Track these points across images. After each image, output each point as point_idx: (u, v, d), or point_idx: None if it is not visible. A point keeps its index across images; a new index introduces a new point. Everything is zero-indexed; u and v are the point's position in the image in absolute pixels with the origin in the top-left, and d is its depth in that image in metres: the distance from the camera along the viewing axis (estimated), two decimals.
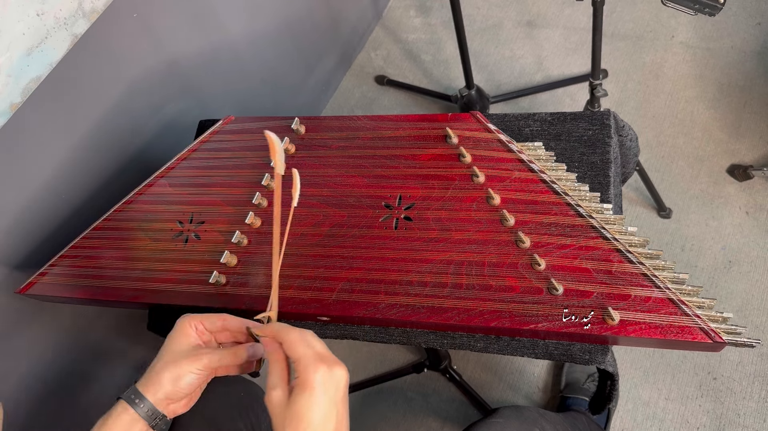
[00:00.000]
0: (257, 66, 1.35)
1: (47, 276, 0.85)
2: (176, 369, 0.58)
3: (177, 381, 0.57)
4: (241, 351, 0.59)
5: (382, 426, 1.27)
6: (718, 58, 1.47)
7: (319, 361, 0.51)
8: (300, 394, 0.51)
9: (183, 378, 0.57)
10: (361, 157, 0.82)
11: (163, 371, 0.58)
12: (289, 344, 0.53)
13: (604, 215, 0.69)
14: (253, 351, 0.60)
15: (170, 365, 0.58)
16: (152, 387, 0.58)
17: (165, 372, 0.58)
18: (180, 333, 0.60)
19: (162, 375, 0.58)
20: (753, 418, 1.12)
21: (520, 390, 1.25)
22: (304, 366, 0.51)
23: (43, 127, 0.90)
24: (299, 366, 0.52)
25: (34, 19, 0.74)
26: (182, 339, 0.60)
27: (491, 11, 1.71)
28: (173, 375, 0.57)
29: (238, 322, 0.62)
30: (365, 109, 1.67)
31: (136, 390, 0.58)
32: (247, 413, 0.82)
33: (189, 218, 0.84)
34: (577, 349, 0.68)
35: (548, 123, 0.80)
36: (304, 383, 0.51)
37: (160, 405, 0.58)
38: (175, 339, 0.60)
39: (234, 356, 0.59)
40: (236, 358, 0.59)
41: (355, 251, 0.75)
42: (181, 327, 0.61)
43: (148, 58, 1.04)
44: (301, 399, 0.50)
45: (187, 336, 0.60)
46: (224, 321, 0.61)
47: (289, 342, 0.53)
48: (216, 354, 0.59)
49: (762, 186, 1.29)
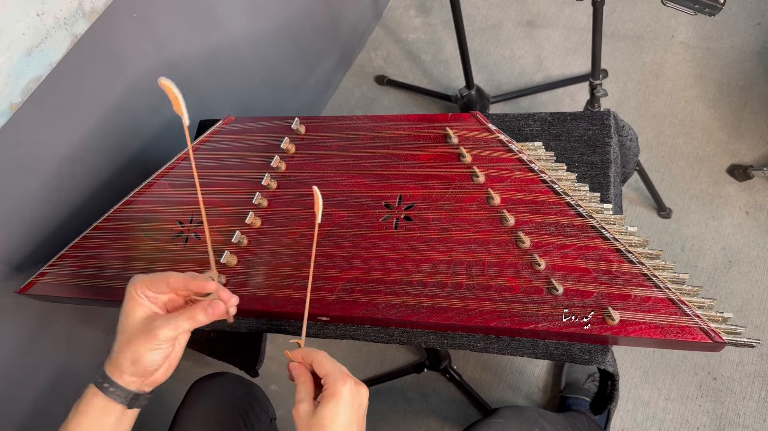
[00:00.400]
0: (257, 66, 1.35)
1: (47, 276, 0.85)
2: (133, 351, 0.55)
3: (138, 361, 0.55)
4: (198, 313, 0.56)
5: (382, 426, 1.27)
6: (718, 58, 1.47)
7: (347, 376, 0.55)
8: (327, 404, 0.53)
9: (144, 358, 0.54)
10: (361, 157, 0.82)
11: (121, 353, 0.55)
12: (319, 362, 0.56)
13: (604, 215, 0.69)
14: (213, 310, 0.57)
15: (126, 346, 0.55)
16: (117, 369, 0.55)
17: (122, 353, 0.55)
18: (131, 303, 0.56)
19: (120, 357, 0.55)
20: (753, 418, 1.12)
21: (520, 390, 1.25)
22: (333, 379, 0.54)
23: (43, 127, 0.90)
24: (329, 380, 0.54)
25: (34, 19, 0.74)
26: (135, 309, 0.56)
27: (491, 11, 1.71)
28: (132, 356, 0.55)
29: (182, 283, 0.57)
30: (365, 109, 1.67)
31: (103, 373, 0.56)
32: (247, 413, 0.82)
33: (189, 218, 0.84)
34: (577, 349, 0.68)
35: (548, 123, 0.80)
36: (333, 393, 0.53)
37: (132, 385, 0.55)
38: (128, 311, 0.56)
39: (192, 320, 0.56)
40: (195, 322, 0.56)
41: (355, 251, 0.75)
42: (131, 297, 0.56)
43: (148, 58, 1.04)
44: (328, 407, 0.53)
45: (140, 305, 0.56)
46: (168, 283, 0.57)
47: (318, 361, 0.56)
48: (170, 325, 0.55)
49: (762, 186, 1.29)
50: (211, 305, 0.57)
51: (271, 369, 1.36)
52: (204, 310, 0.57)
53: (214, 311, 0.57)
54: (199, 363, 1.41)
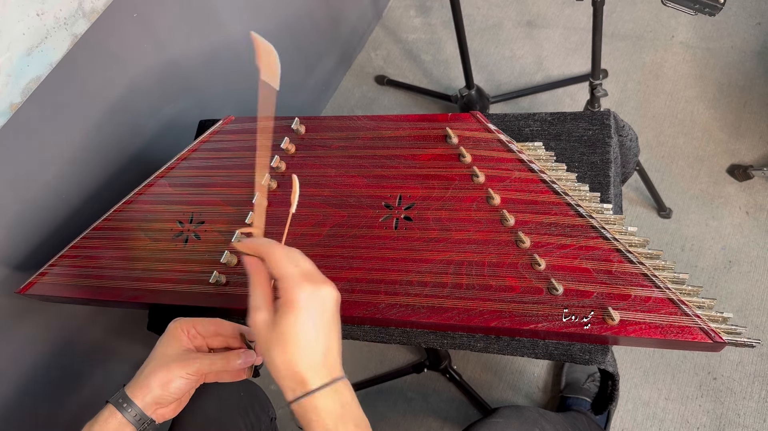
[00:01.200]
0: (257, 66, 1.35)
1: (47, 276, 0.86)
2: (166, 374, 0.57)
3: (167, 385, 0.56)
4: (234, 357, 0.58)
5: (382, 426, 1.27)
6: (718, 58, 1.47)
7: (304, 280, 0.48)
8: (284, 314, 0.47)
9: (173, 383, 0.57)
10: (361, 157, 0.82)
11: (153, 375, 0.57)
12: (273, 262, 0.49)
13: (604, 215, 0.69)
14: (245, 357, 0.59)
15: (160, 369, 0.57)
16: (141, 391, 0.57)
17: (154, 376, 0.57)
18: (171, 336, 0.59)
19: (151, 379, 0.57)
20: (753, 418, 1.12)
21: (520, 390, 1.25)
22: (287, 285, 0.48)
23: (43, 127, 0.90)
24: (282, 285, 0.48)
25: (34, 19, 0.74)
26: (173, 343, 0.59)
27: (491, 11, 1.71)
28: (163, 379, 0.56)
29: (232, 328, 0.60)
30: (365, 109, 1.67)
31: (124, 394, 0.57)
32: (247, 413, 0.82)
33: (189, 218, 0.84)
34: (577, 349, 0.68)
35: (548, 123, 0.80)
36: (288, 302, 0.47)
37: (148, 409, 0.57)
38: (166, 342, 0.59)
39: (226, 362, 0.58)
40: (228, 364, 0.58)
41: (355, 251, 0.75)
42: (173, 330, 0.59)
43: (148, 58, 1.04)
44: (286, 319, 0.47)
45: (179, 340, 0.59)
46: (217, 326, 0.60)
47: (273, 259, 0.49)
48: (207, 359, 0.58)
49: (762, 186, 1.29)
50: (245, 353, 0.59)
51: None
52: (238, 355, 0.58)
53: (246, 359, 0.58)
54: None
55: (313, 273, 0.49)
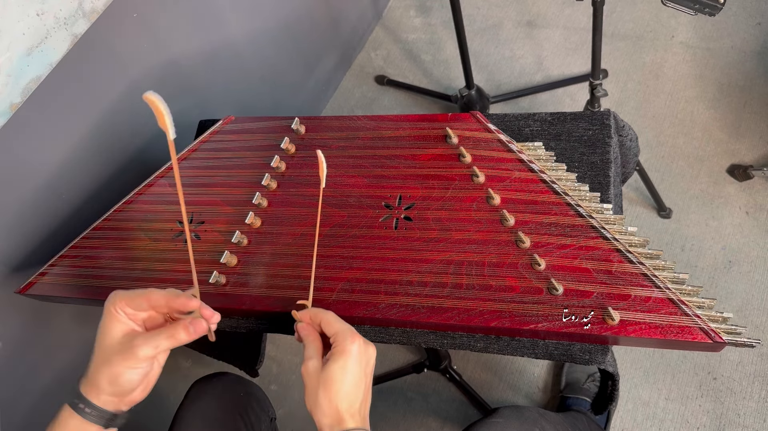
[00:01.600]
0: (257, 66, 1.35)
1: (47, 276, 0.85)
2: (110, 369, 0.52)
3: (116, 381, 0.52)
4: (179, 332, 0.53)
5: (382, 426, 1.27)
6: (718, 58, 1.47)
7: (356, 334, 0.56)
8: (336, 360, 0.54)
9: (122, 377, 0.52)
10: (361, 157, 0.82)
11: (98, 372, 0.53)
12: (328, 322, 0.58)
13: (604, 215, 0.69)
14: (194, 328, 0.54)
15: (103, 365, 0.53)
16: (93, 389, 0.53)
17: (100, 373, 0.53)
18: (110, 320, 0.54)
19: (98, 377, 0.53)
20: (753, 418, 1.12)
21: (520, 390, 1.25)
22: (342, 337, 0.55)
23: (43, 127, 0.90)
24: (338, 337, 0.56)
25: (34, 19, 0.74)
26: (114, 326, 0.54)
27: (491, 11, 1.71)
28: (110, 376, 0.52)
29: (164, 300, 0.54)
30: (365, 109, 1.67)
31: (79, 393, 0.53)
32: (247, 413, 0.82)
33: (189, 218, 0.84)
34: (577, 349, 0.68)
35: (548, 123, 0.80)
36: (342, 350, 0.55)
37: (108, 405, 0.53)
38: (106, 329, 0.54)
39: (172, 339, 0.53)
40: (175, 341, 0.53)
41: (355, 251, 0.75)
42: (109, 313, 0.54)
43: (148, 58, 1.04)
44: (337, 363, 0.54)
45: (119, 322, 0.54)
46: (149, 300, 0.54)
47: (327, 320, 0.58)
48: (150, 344, 0.52)
49: (762, 186, 1.29)
50: (193, 323, 0.54)
51: (271, 369, 1.36)
52: (185, 329, 0.53)
53: (195, 329, 0.54)
54: (199, 363, 1.41)
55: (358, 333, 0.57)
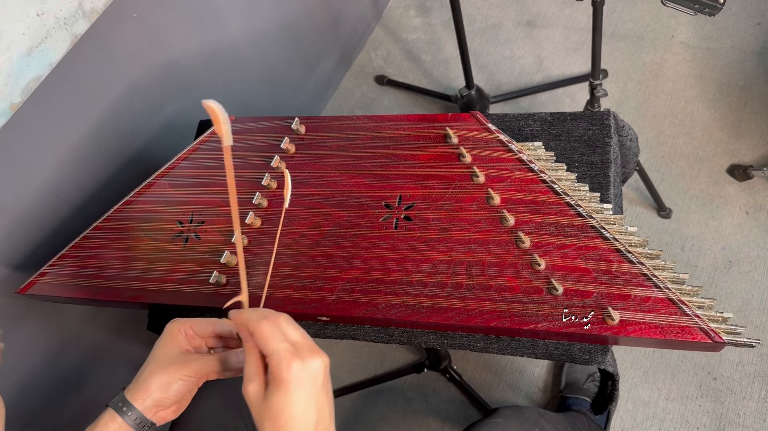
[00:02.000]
0: (257, 66, 1.35)
1: (47, 276, 0.86)
2: (165, 376, 0.56)
3: (166, 388, 0.56)
4: (231, 357, 0.58)
5: (382, 426, 1.27)
6: (718, 58, 1.47)
7: (293, 356, 0.49)
8: (275, 391, 0.49)
9: (172, 385, 0.56)
10: (361, 157, 0.82)
11: (152, 378, 0.57)
12: (261, 338, 0.50)
13: (604, 215, 0.69)
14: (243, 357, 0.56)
15: (159, 372, 0.57)
16: (140, 394, 0.56)
17: (153, 378, 0.57)
18: (169, 338, 0.59)
19: (150, 382, 0.56)
20: (753, 418, 1.12)
21: (520, 390, 1.25)
22: (277, 362, 0.49)
23: (43, 127, 0.90)
24: (272, 362, 0.49)
25: (34, 19, 0.74)
26: (171, 344, 0.59)
27: (491, 11, 1.71)
28: (162, 382, 0.56)
29: (230, 327, 0.60)
30: (365, 109, 1.66)
31: (123, 397, 0.57)
32: (248, 413, 0.82)
33: (189, 218, 0.84)
34: (577, 349, 0.68)
35: (548, 123, 0.80)
36: (279, 380, 0.48)
37: (148, 412, 0.57)
38: (164, 344, 0.59)
39: (222, 363, 0.58)
40: (225, 365, 0.58)
41: (355, 251, 0.75)
42: (170, 332, 0.59)
43: (148, 58, 1.04)
44: (277, 395, 0.49)
45: (176, 341, 0.59)
46: (215, 326, 0.60)
47: (260, 335, 0.50)
48: (205, 361, 0.57)
49: (762, 186, 1.29)
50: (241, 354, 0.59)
51: None
52: (236, 355, 0.58)
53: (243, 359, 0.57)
54: None
55: (301, 344, 0.50)
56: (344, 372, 1.34)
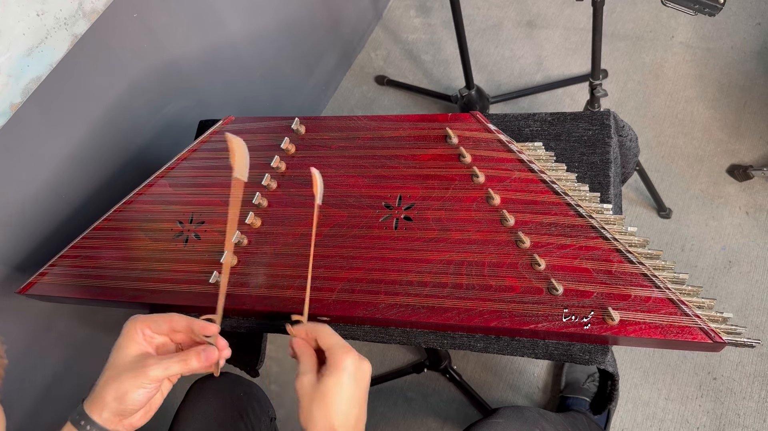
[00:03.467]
0: (257, 66, 1.35)
1: (47, 276, 0.85)
2: (119, 386, 0.53)
3: (122, 398, 0.53)
4: (191, 359, 0.55)
5: (382, 426, 1.27)
6: (718, 58, 1.47)
7: (351, 350, 0.56)
8: (330, 375, 0.54)
9: (128, 395, 0.53)
10: (361, 157, 0.82)
11: (106, 388, 0.54)
12: (324, 335, 0.57)
13: (604, 215, 0.69)
14: (206, 355, 0.56)
15: (112, 382, 0.54)
16: (97, 406, 0.53)
17: (107, 389, 0.53)
18: (126, 339, 0.56)
19: (104, 392, 0.53)
20: (753, 418, 1.12)
21: (520, 390, 1.25)
22: (337, 352, 0.55)
23: (44, 127, 0.90)
24: (333, 352, 0.55)
25: (34, 19, 0.74)
26: (128, 347, 0.56)
27: (491, 11, 1.71)
28: (117, 392, 0.53)
29: (185, 323, 0.57)
30: (365, 109, 1.67)
31: (82, 410, 0.54)
32: (247, 413, 0.82)
33: (189, 218, 0.84)
34: (577, 349, 0.68)
35: (548, 123, 0.80)
36: (336, 365, 0.54)
37: (109, 423, 0.54)
38: (120, 347, 0.56)
39: (183, 364, 0.55)
40: (186, 366, 0.55)
41: (355, 251, 0.75)
42: (127, 333, 0.56)
43: (148, 58, 1.05)
44: (332, 379, 0.53)
45: (135, 342, 0.56)
46: (171, 322, 0.57)
47: (323, 334, 0.57)
48: (161, 365, 0.54)
49: (762, 186, 1.29)
50: (206, 351, 0.56)
51: (271, 369, 1.36)
52: (197, 355, 0.56)
53: (207, 357, 0.56)
54: None
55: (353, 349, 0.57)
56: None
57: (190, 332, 0.58)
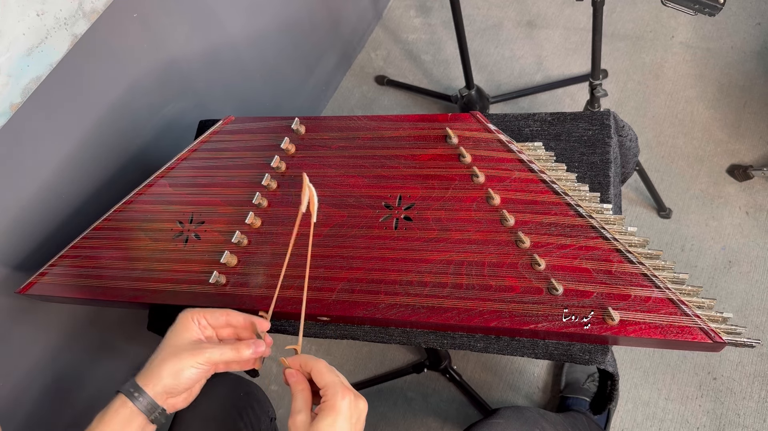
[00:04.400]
0: (257, 66, 1.35)
1: (47, 276, 0.85)
2: (177, 363, 0.57)
3: (177, 374, 0.57)
4: (244, 347, 0.60)
5: (382, 426, 1.27)
6: (718, 58, 1.47)
7: (348, 390, 0.55)
8: (326, 417, 0.53)
9: (183, 372, 0.57)
10: (361, 157, 0.82)
11: (164, 364, 0.58)
12: (318, 372, 0.56)
13: (604, 215, 0.69)
14: (256, 347, 0.61)
15: (171, 358, 0.58)
16: (152, 380, 0.57)
17: (165, 365, 0.57)
18: (182, 326, 0.60)
19: (162, 368, 0.57)
20: (753, 418, 1.12)
21: (520, 390, 1.25)
22: (333, 392, 0.54)
23: (43, 127, 0.90)
24: (328, 391, 0.54)
25: (34, 19, 0.74)
26: (184, 333, 0.60)
27: (491, 11, 1.71)
28: (174, 368, 0.57)
29: (242, 318, 0.62)
30: (365, 109, 1.67)
31: (135, 383, 0.57)
32: (247, 413, 0.82)
33: (189, 218, 0.84)
34: (577, 349, 0.68)
35: (548, 123, 0.80)
36: (332, 407, 0.53)
37: (159, 398, 0.57)
38: (177, 332, 0.60)
39: (236, 352, 0.59)
40: (238, 354, 0.59)
41: (355, 251, 0.75)
42: (183, 320, 0.60)
43: (148, 58, 1.04)
44: (326, 420, 0.53)
45: (189, 330, 0.60)
46: (228, 316, 0.62)
47: (318, 370, 0.56)
48: (218, 349, 0.59)
49: (762, 186, 1.29)
50: (256, 343, 0.61)
51: (271, 369, 1.36)
52: (248, 346, 0.60)
53: (257, 349, 0.61)
54: None
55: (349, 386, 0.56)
56: (344, 372, 1.33)
57: (244, 327, 0.62)
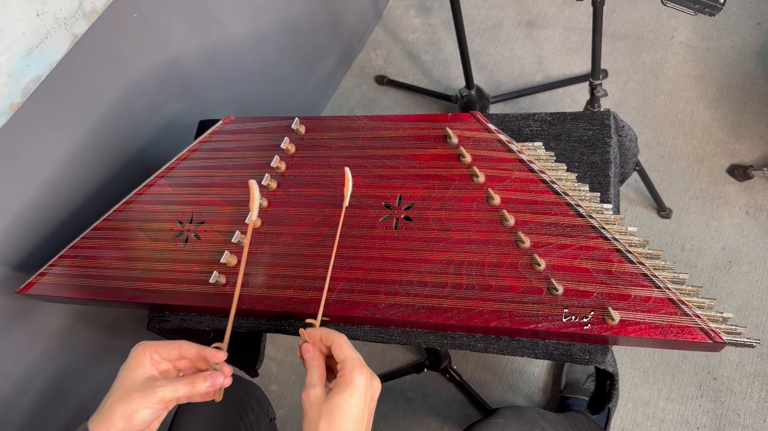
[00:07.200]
0: (257, 66, 1.35)
1: (47, 276, 0.85)
2: (128, 405, 0.55)
3: (130, 417, 0.54)
4: (200, 381, 0.57)
5: (382, 427, 1.27)
6: (718, 58, 1.47)
7: (364, 366, 0.55)
8: (341, 392, 0.53)
9: (136, 415, 0.55)
10: (361, 157, 0.82)
11: (114, 407, 0.55)
12: (339, 346, 0.56)
13: (604, 215, 0.69)
14: (212, 380, 0.58)
15: (122, 400, 0.55)
16: (104, 424, 0.54)
17: (116, 408, 0.55)
18: (134, 363, 0.58)
19: (113, 411, 0.55)
20: (753, 418, 1.12)
21: (520, 390, 1.25)
22: (351, 366, 0.54)
23: (44, 127, 0.90)
24: (346, 365, 0.55)
25: (34, 19, 0.74)
26: (136, 370, 0.57)
27: (491, 11, 1.71)
28: (126, 411, 0.54)
29: (195, 350, 0.59)
30: (365, 109, 1.67)
31: (86, 429, 0.55)
32: (247, 413, 0.82)
33: (189, 218, 0.84)
34: (577, 349, 0.68)
35: (548, 123, 0.80)
36: (348, 381, 0.53)
37: None
38: (129, 369, 0.57)
39: (190, 387, 0.57)
40: (193, 389, 0.57)
41: (355, 251, 0.75)
42: (135, 356, 0.58)
43: (148, 58, 1.04)
44: (342, 395, 0.53)
45: (141, 366, 0.57)
46: (180, 349, 0.59)
47: (338, 344, 0.57)
48: (170, 386, 0.56)
49: (762, 186, 1.29)
50: (212, 376, 0.58)
51: (271, 369, 1.36)
52: (204, 379, 0.57)
53: (214, 381, 0.58)
54: None
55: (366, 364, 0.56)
56: None
57: (198, 359, 0.59)
